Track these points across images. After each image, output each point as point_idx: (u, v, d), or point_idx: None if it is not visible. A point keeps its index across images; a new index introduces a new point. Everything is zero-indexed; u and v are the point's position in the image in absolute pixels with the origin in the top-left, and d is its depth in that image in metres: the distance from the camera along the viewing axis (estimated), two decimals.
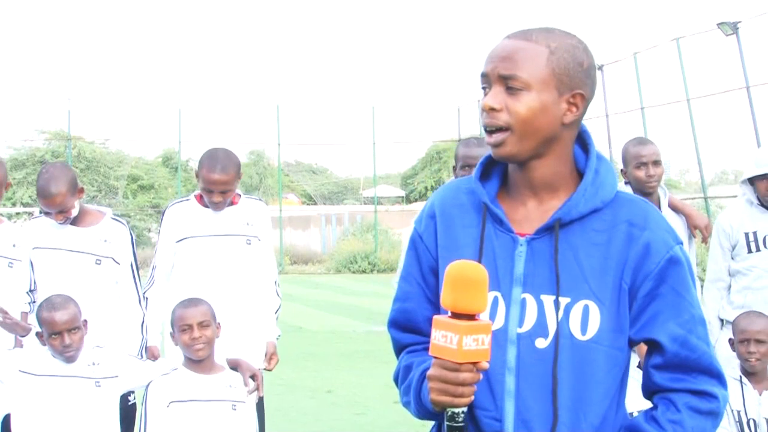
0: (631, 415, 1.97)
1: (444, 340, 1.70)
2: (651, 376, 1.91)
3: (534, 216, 1.90)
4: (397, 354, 2.08)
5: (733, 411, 4.16)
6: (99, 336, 4.07)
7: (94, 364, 3.84)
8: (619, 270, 1.85)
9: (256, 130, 45.48)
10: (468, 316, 1.70)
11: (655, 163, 4.66)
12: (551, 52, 1.83)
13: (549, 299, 1.84)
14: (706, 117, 18.94)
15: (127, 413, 4.22)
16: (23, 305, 4.27)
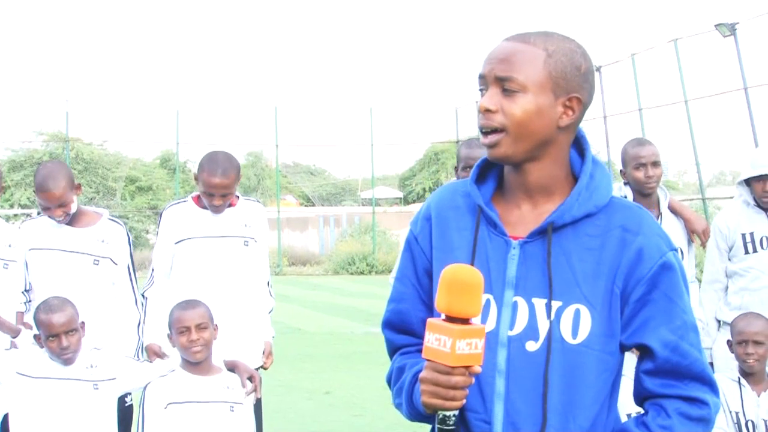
0: (629, 416, 1.96)
1: (437, 343, 1.70)
2: (642, 382, 1.91)
3: (528, 219, 1.90)
4: (391, 355, 2.08)
5: (731, 412, 4.16)
6: (96, 337, 4.07)
7: (92, 366, 3.83)
8: (611, 275, 1.84)
9: (254, 132, 45.54)
10: (462, 320, 1.70)
11: (654, 164, 4.66)
12: (548, 55, 1.83)
13: (540, 302, 1.84)
14: (704, 118, 18.93)
15: (124, 415, 4.22)
16: (18, 305, 4.26)
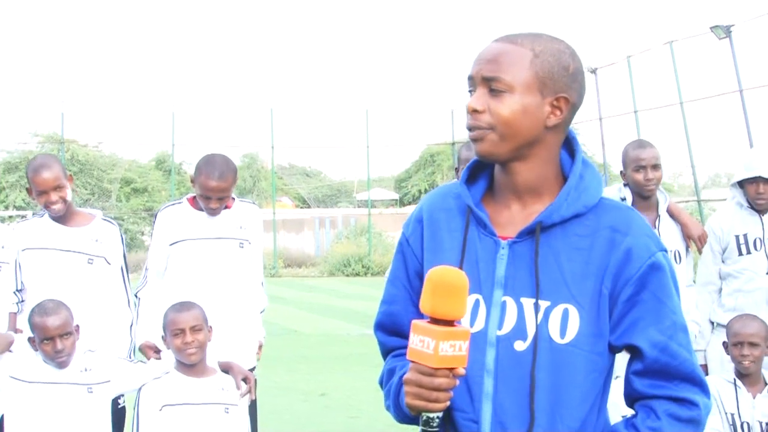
0: (623, 417, 1.96)
1: (421, 344, 1.71)
2: (632, 383, 1.90)
3: (517, 219, 1.90)
4: (384, 357, 2.09)
5: (727, 414, 4.17)
6: (90, 338, 4.06)
7: (86, 369, 3.82)
8: (600, 275, 1.84)
9: (249, 134, 45.46)
10: (446, 322, 1.71)
11: (654, 166, 4.65)
12: (535, 56, 1.84)
13: (529, 302, 1.84)
14: (700, 120, 18.94)
15: (118, 416, 4.21)
16: (11, 306, 4.25)
